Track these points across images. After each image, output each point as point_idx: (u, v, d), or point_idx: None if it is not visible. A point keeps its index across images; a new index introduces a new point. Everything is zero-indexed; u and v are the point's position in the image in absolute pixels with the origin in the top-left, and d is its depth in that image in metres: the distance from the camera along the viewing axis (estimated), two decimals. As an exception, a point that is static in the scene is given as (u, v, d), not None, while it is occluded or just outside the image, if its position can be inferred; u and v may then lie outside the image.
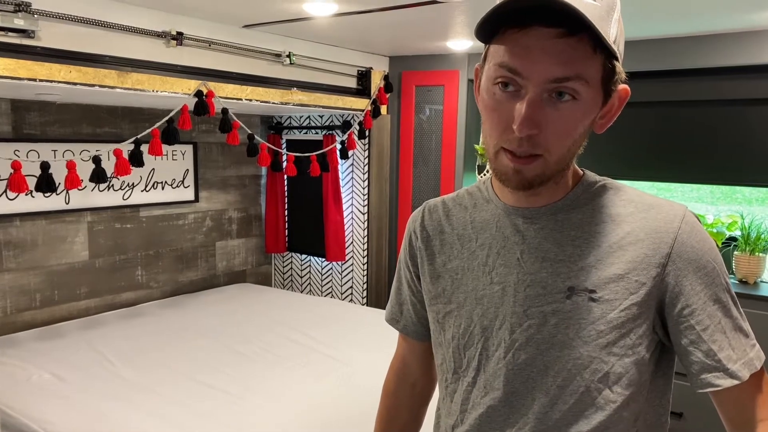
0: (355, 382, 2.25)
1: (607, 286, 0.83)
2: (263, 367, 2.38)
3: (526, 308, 0.87)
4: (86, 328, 2.78)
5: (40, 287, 2.84)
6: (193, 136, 3.42)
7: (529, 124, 0.77)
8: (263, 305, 3.22)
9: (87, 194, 2.94)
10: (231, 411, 2.00)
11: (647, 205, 0.87)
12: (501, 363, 0.89)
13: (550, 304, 0.85)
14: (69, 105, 2.86)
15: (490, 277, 0.91)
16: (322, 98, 3.08)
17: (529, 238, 0.89)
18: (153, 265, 3.30)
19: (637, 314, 0.82)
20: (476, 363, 0.92)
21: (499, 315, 0.89)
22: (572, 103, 0.77)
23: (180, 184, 3.37)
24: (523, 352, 0.87)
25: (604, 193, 0.89)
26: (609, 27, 0.76)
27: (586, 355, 0.83)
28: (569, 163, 0.85)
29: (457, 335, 0.95)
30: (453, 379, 0.97)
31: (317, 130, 3.69)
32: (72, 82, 2.09)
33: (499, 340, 0.89)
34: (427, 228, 1.02)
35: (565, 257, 0.86)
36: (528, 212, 0.89)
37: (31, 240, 2.79)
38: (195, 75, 2.50)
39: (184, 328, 2.80)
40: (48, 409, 1.99)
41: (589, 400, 0.84)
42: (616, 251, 0.84)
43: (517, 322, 0.87)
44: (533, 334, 0.86)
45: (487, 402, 0.90)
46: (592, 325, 0.83)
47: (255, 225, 3.88)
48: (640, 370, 0.84)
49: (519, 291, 0.88)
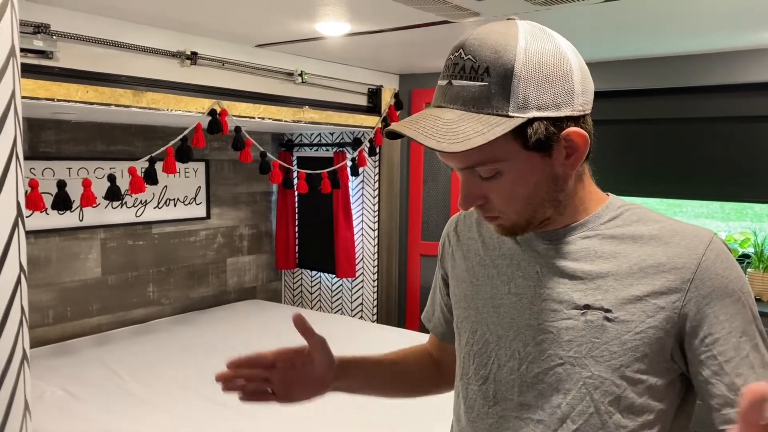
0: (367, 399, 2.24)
1: (624, 306, 0.82)
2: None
3: (541, 322, 0.87)
4: (98, 345, 2.79)
5: (53, 304, 2.86)
6: (205, 154, 3.45)
7: (468, 200, 0.83)
8: (273, 322, 3.22)
9: (100, 211, 2.97)
10: (241, 427, 1.99)
11: (672, 230, 0.85)
12: (515, 374, 0.89)
13: (564, 320, 0.85)
14: (84, 123, 2.90)
15: (508, 287, 0.92)
16: (333, 116, 3.11)
17: (548, 256, 0.89)
18: (164, 282, 3.31)
19: (653, 339, 0.81)
20: (486, 371, 0.92)
21: (514, 326, 0.89)
22: (498, 179, 0.80)
23: (192, 201, 3.39)
24: (535, 366, 0.87)
25: (629, 216, 0.88)
26: (505, 99, 0.75)
27: (598, 375, 0.82)
28: (550, 206, 0.84)
29: (472, 341, 0.95)
30: (462, 385, 0.97)
31: (328, 148, 3.71)
32: (89, 101, 2.12)
33: (512, 351, 0.89)
34: (459, 233, 1.04)
35: (583, 275, 0.85)
36: (547, 235, 0.89)
37: (45, 257, 2.82)
38: (208, 94, 2.53)
39: (195, 345, 2.81)
40: (60, 425, 1.99)
41: (598, 423, 0.82)
42: (636, 273, 0.83)
43: (532, 336, 0.87)
44: (546, 348, 0.86)
45: (497, 412, 0.90)
46: (606, 345, 0.82)
47: (265, 241, 3.90)
48: (655, 399, 0.82)
49: (535, 304, 0.88)
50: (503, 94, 0.75)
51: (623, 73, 2.78)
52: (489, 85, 0.76)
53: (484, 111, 0.76)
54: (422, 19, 2.17)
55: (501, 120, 0.75)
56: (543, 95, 0.76)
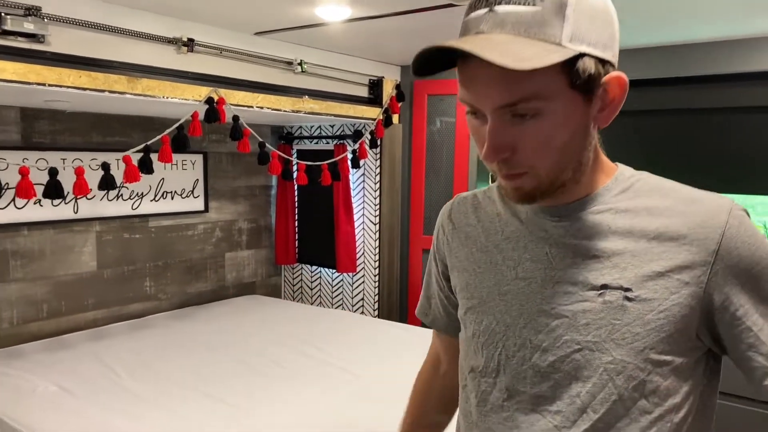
0: (369, 395, 2.18)
1: (645, 284, 0.76)
2: (273, 380, 2.31)
3: (555, 306, 0.81)
4: (93, 340, 2.73)
5: (47, 298, 2.80)
6: (203, 146, 3.38)
7: (495, 151, 0.74)
8: (273, 317, 3.16)
9: (95, 204, 2.91)
10: (240, 425, 1.93)
11: (689, 198, 0.80)
12: (527, 365, 0.83)
13: (580, 303, 0.79)
14: (79, 113, 2.84)
15: (515, 271, 0.85)
16: (333, 107, 3.05)
17: (557, 234, 0.82)
18: (161, 276, 3.25)
19: (678, 317, 0.75)
20: (496, 363, 0.86)
21: (524, 313, 0.83)
22: (537, 120, 0.72)
23: (190, 194, 3.33)
24: (550, 354, 0.80)
25: (641, 187, 0.82)
26: (559, 26, 0.70)
27: (620, 359, 0.76)
28: (569, 170, 0.78)
29: (478, 332, 0.89)
30: (470, 378, 0.91)
31: (328, 140, 3.65)
32: (82, 87, 2.06)
33: (523, 339, 0.83)
34: (454, 220, 0.98)
35: (598, 253, 0.79)
36: (556, 210, 0.83)
37: (39, 249, 2.75)
38: (206, 81, 2.47)
39: (192, 341, 2.74)
40: (53, 421, 1.93)
41: (621, 410, 0.77)
42: (656, 247, 0.77)
43: (544, 322, 0.81)
44: (561, 334, 0.80)
45: (511, 405, 0.84)
46: (627, 326, 0.76)
47: (265, 236, 3.84)
48: (681, 380, 0.77)
49: (547, 288, 0.82)
50: (557, 21, 0.70)
51: (628, 63, 2.71)
52: (542, 10, 0.70)
53: (537, 37, 0.69)
54: (425, 2, 2.11)
55: (555, 48, 0.69)
56: (594, 31, 0.72)
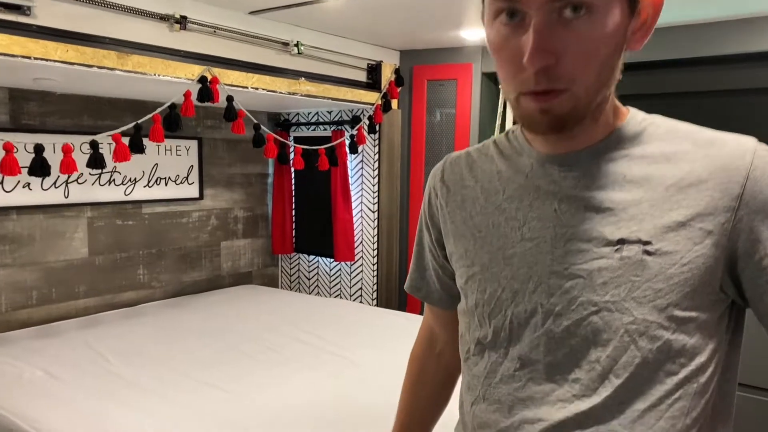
0: (367, 382, 2.11)
1: (666, 236, 0.69)
2: (269, 366, 2.25)
3: (567, 266, 0.74)
4: (84, 327, 2.66)
5: (37, 284, 2.73)
6: (198, 132, 3.31)
7: (541, 54, 0.65)
8: (270, 306, 3.09)
9: (87, 188, 2.84)
10: (233, 409, 1.86)
11: (708, 139, 0.73)
12: (539, 332, 0.76)
13: (595, 261, 0.72)
14: (70, 96, 2.77)
15: (520, 232, 0.78)
16: (330, 90, 2.97)
17: (567, 186, 0.75)
18: (155, 264, 3.18)
19: (702, 269, 0.69)
20: (507, 333, 0.79)
21: (534, 276, 0.76)
22: (588, 18, 0.65)
23: (184, 181, 3.26)
24: (564, 319, 0.74)
25: (656, 131, 0.76)
26: None
27: (642, 319, 0.70)
28: (605, 93, 0.71)
29: (482, 301, 0.82)
30: (476, 351, 0.84)
31: (325, 127, 3.58)
32: (69, 61, 1.99)
33: (533, 305, 0.76)
34: (447, 182, 0.90)
35: (613, 205, 0.72)
36: (565, 158, 0.76)
37: (28, 235, 2.68)
38: (199, 60, 2.40)
39: (186, 328, 2.67)
40: (39, 407, 1.86)
41: (646, 373, 0.70)
42: (675, 195, 0.70)
43: (557, 284, 0.74)
44: (576, 296, 0.73)
45: (523, 375, 0.77)
46: (648, 282, 0.69)
47: (261, 225, 3.76)
48: (706, 338, 0.71)
49: (557, 247, 0.75)
50: None
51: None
52: None
53: None
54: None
55: None
56: None
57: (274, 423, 1.79)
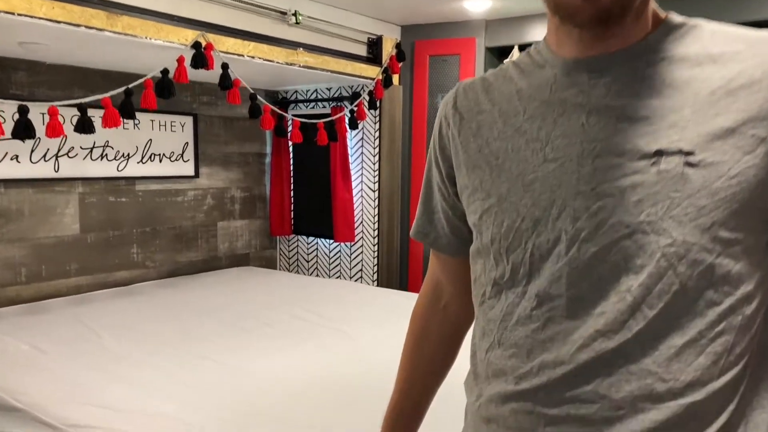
0: (365, 355, 2.03)
1: (711, 144, 0.60)
2: (265, 340, 2.16)
3: (596, 185, 0.64)
4: (75, 305, 2.57)
5: (26, 261, 2.64)
6: (193, 108, 3.22)
7: None
8: (268, 287, 3.01)
9: (78, 162, 2.75)
10: (226, 380, 1.78)
11: (761, 38, 0.64)
12: (561, 262, 0.66)
13: (628, 176, 0.63)
14: (60, 66, 2.68)
15: (543, 153, 0.69)
16: (330, 62, 2.88)
17: (596, 96, 0.66)
18: (149, 243, 3.09)
19: (753, 183, 0.60)
20: (527, 268, 0.70)
21: (557, 200, 0.67)
22: None
23: (179, 158, 3.17)
24: (592, 244, 0.64)
25: (699, 32, 0.67)
26: None
27: (681, 240, 0.60)
28: None
29: (498, 236, 0.73)
30: (492, 293, 0.74)
31: (324, 104, 3.49)
32: (54, 19, 1.90)
33: (557, 232, 0.67)
34: (460, 110, 0.81)
35: (649, 113, 0.63)
36: (596, 62, 0.67)
37: (17, 209, 2.59)
38: (193, 25, 2.31)
39: (182, 307, 2.58)
40: (23, 379, 1.77)
41: (684, 303, 0.61)
42: (722, 99, 0.61)
43: (584, 206, 0.65)
44: (606, 218, 0.64)
45: (541, 314, 0.68)
46: (690, 199, 0.60)
47: (259, 207, 3.67)
48: (754, 263, 0.62)
49: (584, 165, 0.65)
50: None
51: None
52: None
53: None
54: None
55: None
56: None
57: (268, 393, 1.70)
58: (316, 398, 1.69)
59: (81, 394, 1.67)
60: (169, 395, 1.67)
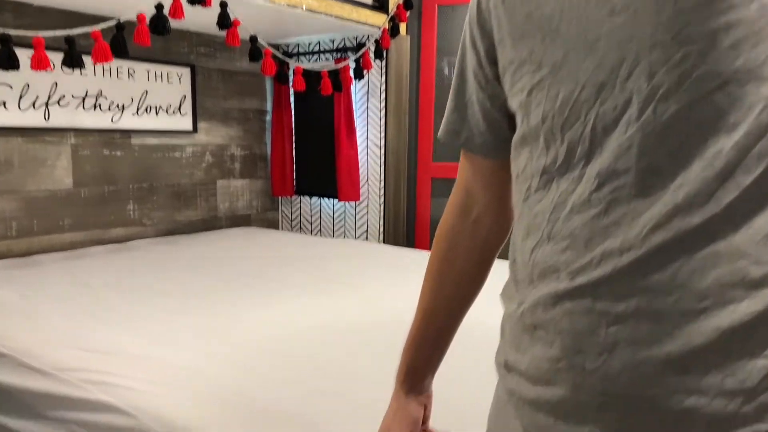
0: (372, 305, 1.92)
1: None
2: (267, 292, 2.05)
3: (679, 31, 0.51)
4: (68, 259, 2.45)
5: (16, 215, 2.51)
6: (191, 59, 3.07)
7: None
8: (271, 246, 2.88)
9: (70, 112, 2.60)
10: (225, 327, 1.67)
11: None
12: (632, 129, 0.54)
13: (720, 15, 0.50)
14: (49, 9, 2.52)
15: (610, 5, 0.56)
16: (334, 6, 2.73)
17: None
18: (146, 200, 2.96)
19: None
20: (586, 145, 0.57)
21: (628, 57, 0.54)
22: None
23: (176, 112, 3.02)
24: (672, 102, 0.52)
25: None
26: None
27: None
28: None
29: (551, 113, 0.60)
30: (539, 184, 0.62)
31: (328, 56, 3.33)
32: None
33: (627, 95, 0.54)
34: None
35: None
36: None
37: (5, 160, 2.46)
38: (188, -43, 2.15)
39: (180, 264, 2.46)
40: (9, 326, 1.66)
41: None
42: None
43: (662, 57, 0.52)
44: (691, 68, 0.51)
45: (602, 197, 0.55)
46: None
47: (260, 166, 3.54)
48: None
49: (664, 8, 0.52)
50: None
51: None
52: None
53: None
54: None
55: None
56: None
57: (269, 340, 1.59)
58: (325, 341, 1.58)
59: (72, 340, 1.55)
60: (164, 340, 1.55)
